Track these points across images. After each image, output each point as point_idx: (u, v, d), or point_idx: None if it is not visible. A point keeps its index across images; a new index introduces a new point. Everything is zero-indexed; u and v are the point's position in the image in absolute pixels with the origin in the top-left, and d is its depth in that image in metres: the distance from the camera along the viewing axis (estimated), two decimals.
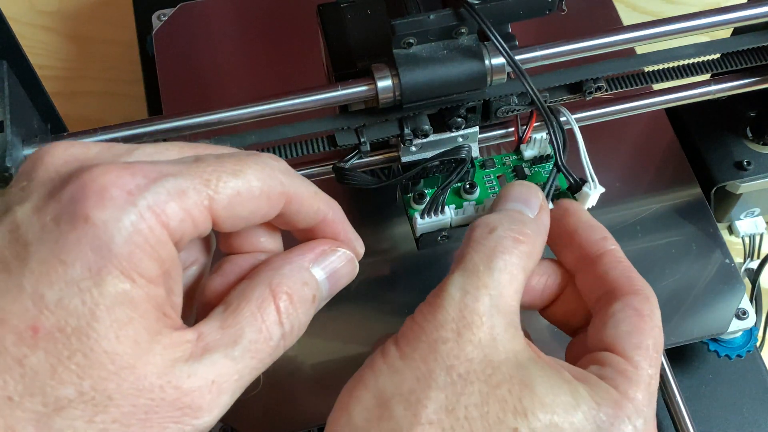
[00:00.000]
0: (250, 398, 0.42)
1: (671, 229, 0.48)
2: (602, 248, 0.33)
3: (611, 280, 0.32)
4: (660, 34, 0.39)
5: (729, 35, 0.44)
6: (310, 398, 0.42)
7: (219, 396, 0.27)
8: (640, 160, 0.51)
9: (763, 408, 0.48)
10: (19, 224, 0.25)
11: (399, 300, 0.46)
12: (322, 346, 0.44)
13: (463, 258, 0.30)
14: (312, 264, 0.30)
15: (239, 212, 0.27)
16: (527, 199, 0.33)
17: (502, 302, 0.30)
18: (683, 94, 0.44)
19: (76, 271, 0.24)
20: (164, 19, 0.56)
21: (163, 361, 0.26)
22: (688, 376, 0.49)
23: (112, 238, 0.25)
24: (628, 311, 0.31)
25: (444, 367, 0.28)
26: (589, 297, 0.33)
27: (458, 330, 0.29)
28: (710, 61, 0.43)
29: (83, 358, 0.24)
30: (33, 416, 0.24)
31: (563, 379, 0.29)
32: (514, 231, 0.31)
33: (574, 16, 0.50)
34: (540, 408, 0.28)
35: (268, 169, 0.28)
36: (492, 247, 0.30)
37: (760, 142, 0.51)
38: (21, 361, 0.24)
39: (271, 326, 0.28)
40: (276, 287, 0.28)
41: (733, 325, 0.45)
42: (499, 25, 0.37)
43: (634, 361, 0.30)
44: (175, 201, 0.26)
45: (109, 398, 0.25)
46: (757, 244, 0.54)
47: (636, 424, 0.29)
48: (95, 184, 0.25)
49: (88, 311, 0.24)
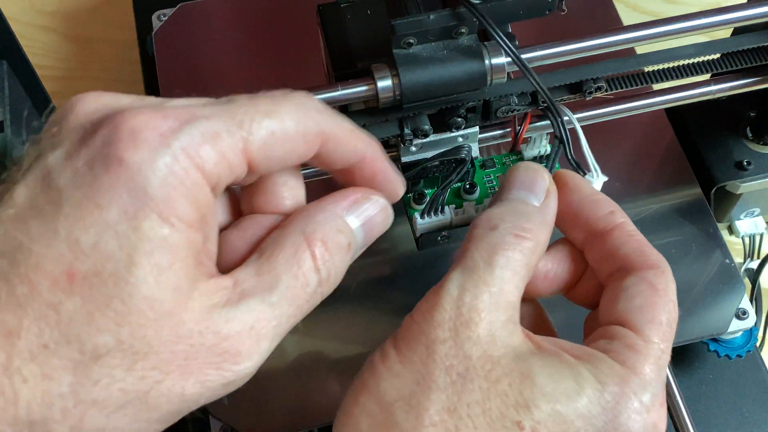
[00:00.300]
0: (250, 398, 0.43)
1: (671, 229, 0.48)
2: (611, 222, 0.32)
3: (624, 256, 0.31)
4: (660, 34, 0.39)
5: (729, 35, 0.44)
6: (311, 398, 0.42)
7: (258, 342, 0.27)
8: (640, 160, 0.51)
9: (763, 408, 0.48)
10: (50, 170, 0.25)
11: (399, 300, 0.46)
12: (322, 346, 0.44)
13: (463, 255, 0.30)
14: (346, 212, 0.30)
15: (274, 153, 0.27)
16: (532, 185, 0.32)
17: (502, 299, 0.29)
18: (683, 94, 0.44)
19: (112, 214, 0.24)
20: (164, 19, 0.56)
21: (201, 307, 0.25)
22: (688, 376, 0.49)
23: (147, 180, 0.24)
24: (643, 285, 0.30)
25: (443, 367, 0.28)
26: (601, 272, 0.32)
27: (456, 328, 0.28)
28: (710, 61, 0.43)
29: (121, 304, 0.24)
30: (70, 364, 0.24)
31: (565, 364, 0.29)
32: (516, 227, 0.30)
33: (574, 16, 0.50)
34: (542, 398, 0.27)
35: (303, 108, 0.28)
36: (493, 244, 0.30)
37: (760, 142, 0.51)
38: (56, 307, 0.24)
39: (307, 272, 0.28)
40: (310, 235, 0.28)
41: (733, 325, 0.45)
42: (500, 25, 0.37)
43: (645, 335, 0.29)
44: (209, 144, 0.25)
45: (148, 345, 0.24)
46: (757, 244, 0.54)
47: (642, 399, 0.28)
48: (127, 126, 0.25)
49: (125, 256, 0.24)
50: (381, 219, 0.31)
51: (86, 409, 0.24)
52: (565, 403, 0.28)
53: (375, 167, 0.30)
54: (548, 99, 0.36)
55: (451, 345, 0.28)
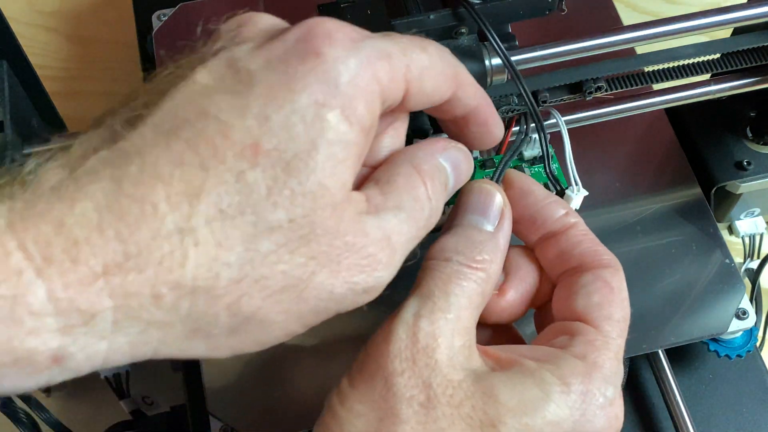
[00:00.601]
0: (251, 398, 0.42)
1: (671, 229, 0.48)
2: (565, 224, 0.33)
3: (578, 255, 0.32)
4: (660, 34, 0.39)
5: (729, 35, 0.44)
6: (310, 398, 0.42)
7: (394, 254, 0.28)
8: (640, 160, 0.51)
9: (763, 408, 0.48)
10: (239, 59, 0.26)
11: (399, 300, 0.45)
12: (321, 346, 0.44)
13: (418, 285, 0.30)
14: (438, 155, 0.31)
15: (426, 87, 0.28)
16: (485, 209, 0.32)
17: (458, 325, 0.29)
18: (683, 94, 0.44)
19: (303, 100, 0.25)
20: (164, 19, 0.56)
21: (354, 209, 0.26)
22: (688, 376, 0.49)
23: (339, 75, 0.25)
24: (599, 283, 0.31)
25: (404, 399, 0.28)
26: (553, 270, 0.33)
27: (413, 357, 0.28)
28: (710, 61, 0.43)
29: (298, 185, 0.25)
30: (241, 234, 0.24)
31: (527, 373, 0.29)
32: (469, 259, 0.30)
33: (574, 16, 0.50)
34: (507, 414, 0.28)
35: (445, 52, 0.29)
36: (448, 274, 0.30)
37: (760, 142, 0.51)
38: (239, 176, 0.24)
39: (422, 198, 0.29)
40: (418, 166, 0.29)
41: (733, 325, 0.45)
42: (499, 25, 0.37)
43: (604, 331, 0.30)
44: (385, 60, 0.26)
45: (313, 232, 0.25)
46: (757, 244, 0.54)
47: (606, 394, 0.29)
48: (322, 27, 0.26)
49: (309, 141, 0.25)
50: (466, 166, 0.32)
51: (248, 287, 0.25)
52: (532, 414, 0.28)
53: (488, 112, 0.32)
54: (531, 106, 0.36)
55: (409, 375, 0.28)
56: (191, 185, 0.24)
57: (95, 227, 0.23)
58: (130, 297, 0.23)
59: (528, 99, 0.36)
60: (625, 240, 0.47)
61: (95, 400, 0.54)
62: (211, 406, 0.42)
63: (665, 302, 0.45)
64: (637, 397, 0.48)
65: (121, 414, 0.51)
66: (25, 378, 0.23)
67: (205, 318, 0.24)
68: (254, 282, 0.25)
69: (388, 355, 0.28)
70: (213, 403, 0.42)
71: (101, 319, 0.23)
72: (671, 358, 0.47)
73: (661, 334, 0.45)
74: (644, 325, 0.45)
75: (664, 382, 0.47)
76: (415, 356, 0.28)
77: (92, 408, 0.54)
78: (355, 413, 0.28)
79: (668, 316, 0.45)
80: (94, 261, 0.23)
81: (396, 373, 0.28)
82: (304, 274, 0.25)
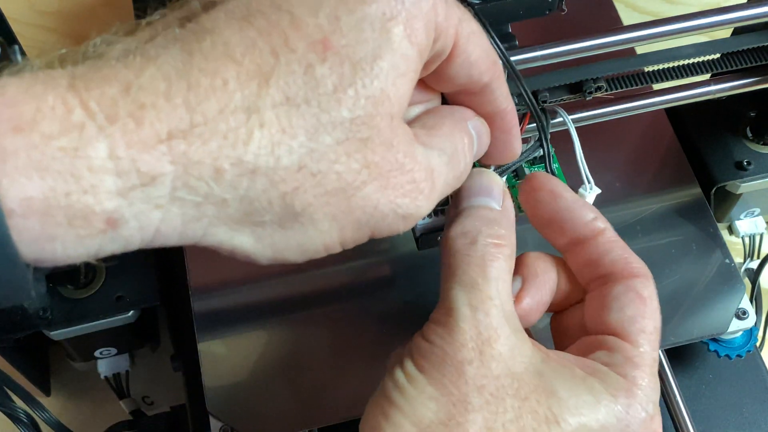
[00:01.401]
0: (251, 398, 0.43)
1: (671, 229, 0.48)
2: (594, 230, 0.33)
3: (609, 264, 0.32)
4: (660, 34, 0.39)
5: (729, 35, 0.44)
6: (310, 398, 0.42)
7: (434, 189, 0.28)
8: (640, 160, 0.51)
9: (763, 408, 0.48)
10: None
11: (399, 300, 0.46)
12: (322, 346, 0.44)
13: (455, 272, 0.31)
14: (469, 121, 0.31)
15: (471, 53, 0.29)
16: (490, 190, 0.33)
17: (507, 309, 0.30)
18: (683, 94, 0.44)
19: (373, 10, 0.25)
20: None
21: (405, 132, 0.27)
22: (688, 376, 0.49)
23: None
24: (631, 295, 0.32)
25: (475, 388, 0.28)
26: (583, 277, 0.33)
27: (479, 348, 0.29)
28: (710, 61, 0.43)
29: (362, 87, 0.25)
30: (305, 124, 0.25)
31: (578, 377, 0.30)
32: (492, 236, 0.31)
33: (574, 16, 0.50)
34: (568, 412, 0.29)
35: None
36: (482, 257, 0.30)
37: (760, 142, 0.51)
38: (307, 68, 0.25)
39: (462, 150, 0.30)
40: (459, 122, 0.30)
41: (733, 325, 0.45)
42: (499, 25, 0.37)
43: (639, 345, 0.31)
44: (444, 1, 0.27)
45: (371, 138, 0.26)
46: (757, 244, 0.54)
47: (648, 409, 0.30)
48: None
49: (376, 47, 0.25)
50: (486, 136, 0.32)
51: (304, 179, 0.25)
52: (589, 415, 0.29)
53: (514, 122, 0.33)
54: (532, 106, 0.36)
55: (478, 365, 0.29)
56: (261, 68, 0.24)
57: (162, 94, 0.23)
58: (191, 166, 0.23)
59: (528, 98, 0.36)
60: (625, 240, 0.47)
61: (95, 400, 0.54)
62: (211, 406, 0.42)
63: (665, 302, 0.45)
64: None
65: (121, 414, 0.51)
66: (76, 242, 0.23)
67: (260, 202, 0.25)
68: (311, 176, 0.25)
69: (455, 345, 0.29)
70: (213, 403, 0.42)
71: (160, 184, 0.23)
72: (671, 358, 0.47)
73: (661, 334, 0.44)
74: None
75: (664, 382, 0.47)
76: (481, 347, 0.29)
77: (92, 408, 0.54)
78: (428, 395, 0.28)
79: (668, 316, 0.45)
80: (159, 125, 0.23)
81: (465, 361, 0.29)
82: (355, 181, 0.26)
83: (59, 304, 0.46)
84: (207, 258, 0.46)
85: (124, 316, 0.46)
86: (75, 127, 0.22)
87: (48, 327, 0.45)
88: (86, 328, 0.46)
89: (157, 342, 0.54)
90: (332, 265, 0.46)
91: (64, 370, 0.55)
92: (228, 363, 0.43)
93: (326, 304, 0.45)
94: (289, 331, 0.44)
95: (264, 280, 0.46)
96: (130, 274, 0.47)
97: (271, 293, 0.45)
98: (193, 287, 0.45)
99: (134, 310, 0.46)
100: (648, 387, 0.30)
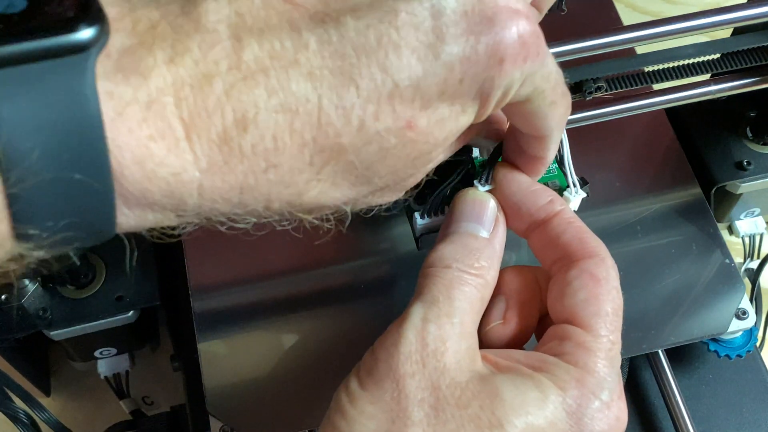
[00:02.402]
0: (251, 398, 0.42)
1: (671, 229, 0.48)
2: (551, 211, 0.32)
3: (564, 245, 0.32)
4: (660, 34, 0.39)
5: (729, 35, 0.44)
6: (310, 398, 0.42)
7: (446, 139, 0.27)
8: (640, 160, 0.51)
9: (763, 408, 0.48)
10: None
11: (399, 300, 0.46)
12: (322, 346, 0.44)
13: (421, 290, 0.30)
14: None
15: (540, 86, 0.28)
16: (480, 216, 0.33)
17: (463, 329, 0.30)
18: (683, 94, 0.44)
19: None
20: None
21: None
22: (688, 376, 0.49)
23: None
24: (584, 278, 0.31)
25: (415, 402, 0.28)
26: (545, 261, 0.33)
27: (423, 360, 0.28)
28: (710, 61, 0.43)
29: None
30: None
31: (525, 375, 0.29)
32: (468, 266, 0.31)
33: (574, 16, 0.50)
34: (513, 413, 0.28)
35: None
36: (450, 280, 0.30)
37: (760, 142, 0.51)
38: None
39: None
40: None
41: (733, 325, 0.45)
42: None
43: (593, 330, 0.30)
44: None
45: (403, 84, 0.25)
46: (757, 244, 0.54)
47: (602, 397, 0.29)
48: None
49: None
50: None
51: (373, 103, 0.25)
52: (535, 414, 0.28)
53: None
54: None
55: (420, 378, 0.28)
56: None
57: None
58: None
59: None
60: (625, 240, 0.47)
61: (95, 400, 0.54)
62: (211, 406, 0.42)
63: (665, 302, 0.45)
64: (637, 397, 0.48)
65: (121, 414, 0.51)
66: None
67: None
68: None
69: (399, 358, 0.28)
70: (213, 403, 0.42)
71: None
72: (671, 358, 0.47)
73: (661, 334, 0.45)
74: (644, 325, 0.45)
75: (664, 382, 0.47)
76: (425, 359, 0.28)
77: (92, 408, 0.54)
78: (367, 415, 0.28)
79: (668, 316, 0.45)
80: None
81: (407, 375, 0.28)
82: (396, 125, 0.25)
83: (59, 304, 0.46)
84: (207, 258, 0.46)
85: (124, 316, 0.46)
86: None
87: (48, 327, 0.45)
88: (86, 328, 0.46)
89: (157, 342, 0.54)
90: (332, 265, 0.46)
91: (64, 370, 0.55)
92: (228, 363, 0.43)
93: (326, 304, 0.45)
94: (289, 331, 0.44)
95: (264, 280, 0.46)
96: (130, 274, 0.47)
97: (271, 293, 0.45)
98: (193, 287, 0.45)
99: (134, 310, 0.46)
100: (602, 372, 0.29)
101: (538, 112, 0.29)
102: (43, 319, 0.45)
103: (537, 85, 0.27)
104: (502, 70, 0.25)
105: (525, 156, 0.33)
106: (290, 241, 0.47)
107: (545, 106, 0.28)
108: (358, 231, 0.48)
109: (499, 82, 0.26)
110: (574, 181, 0.38)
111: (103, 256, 0.47)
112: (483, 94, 0.26)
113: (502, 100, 0.27)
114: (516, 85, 0.26)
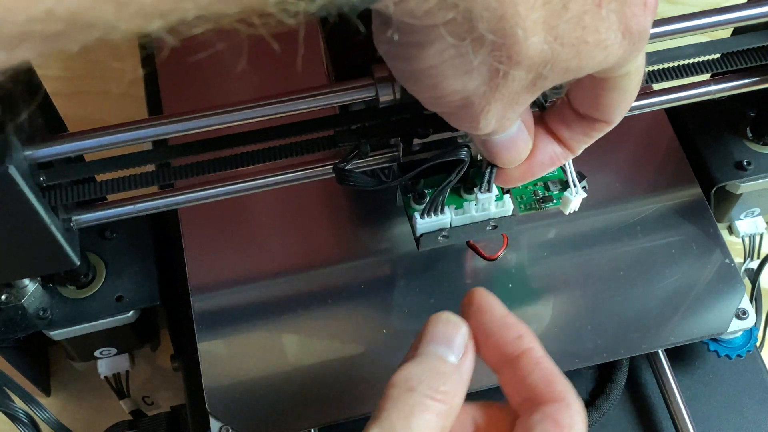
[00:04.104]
0: (250, 398, 0.43)
1: (671, 229, 0.48)
2: (519, 348, 0.31)
3: (531, 386, 0.30)
4: (660, 34, 0.39)
5: (729, 35, 0.44)
6: (310, 398, 0.42)
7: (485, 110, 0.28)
8: (640, 160, 0.51)
9: (763, 408, 0.48)
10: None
11: (399, 300, 0.46)
12: (321, 346, 0.44)
13: (380, 414, 0.29)
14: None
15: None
16: (450, 340, 0.31)
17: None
18: (683, 94, 0.44)
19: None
20: None
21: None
22: (688, 376, 0.49)
23: None
24: (547, 423, 0.29)
25: None
26: (513, 400, 0.32)
27: None
28: (710, 61, 0.43)
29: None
30: None
31: None
32: (432, 389, 0.30)
33: None
34: None
35: None
36: (411, 405, 0.29)
37: (760, 142, 0.51)
38: None
39: None
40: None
41: (733, 325, 0.45)
42: None
43: None
44: None
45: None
46: (757, 244, 0.54)
47: None
48: None
49: None
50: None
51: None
52: None
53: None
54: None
55: None
56: None
57: None
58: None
59: None
60: (625, 240, 0.47)
61: (95, 400, 0.54)
62: (211, 406, 0.42)
63: (665, 302, 0.45)
64: (637, 397, 0.48)
65: (121, 414, 0.51)
66: None
67: None
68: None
69: None
70: (213, 403, 0.42)
71: None
72: (671, 358, 0.47)
73: (661, 334, 0.45)
74: (644, 325, 0.45)
75: (664, 382, 0.47)
76: None
77: (92, 408, 0.54)
78: None
79: (668, 316, 0.45)
80: None
81: None
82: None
83: (59, 304, 0.46)
84: (207, 258, 0.46)
85: (124, 316, 0.46)
86: None
87: (48, 327, 0.45)
88: (86, 328, 0.46)
89: (157, 342, 0.54)
90: (332, 265, 0.46)
91: (64, 370, 0.55)
92: (228, 363, 0.43)
93: (326, 304, 0.45)
94: (289, 331, 0.44)
95: (264, 280, 0.46)
96: (130, 274, 0.47)
97: (271, 293, 0.45)
98: (193, 287, 0.45)
99: (134, 310, 0.46)
100: None
101: (626, 91, 0.30)
102: (43, 319, 0.45)
103: (639, 63, 0.28)
104: (646, 11, 0.27)
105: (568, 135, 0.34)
106: (290, 241, 0.47)
107: (633, 86, 0.29)
108: (358, 231, 0.48)
109: (638, 24, 0.27)
110: (575, 180, 0.38)
111: (103, 256, 0.47)
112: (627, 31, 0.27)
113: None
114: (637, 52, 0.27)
